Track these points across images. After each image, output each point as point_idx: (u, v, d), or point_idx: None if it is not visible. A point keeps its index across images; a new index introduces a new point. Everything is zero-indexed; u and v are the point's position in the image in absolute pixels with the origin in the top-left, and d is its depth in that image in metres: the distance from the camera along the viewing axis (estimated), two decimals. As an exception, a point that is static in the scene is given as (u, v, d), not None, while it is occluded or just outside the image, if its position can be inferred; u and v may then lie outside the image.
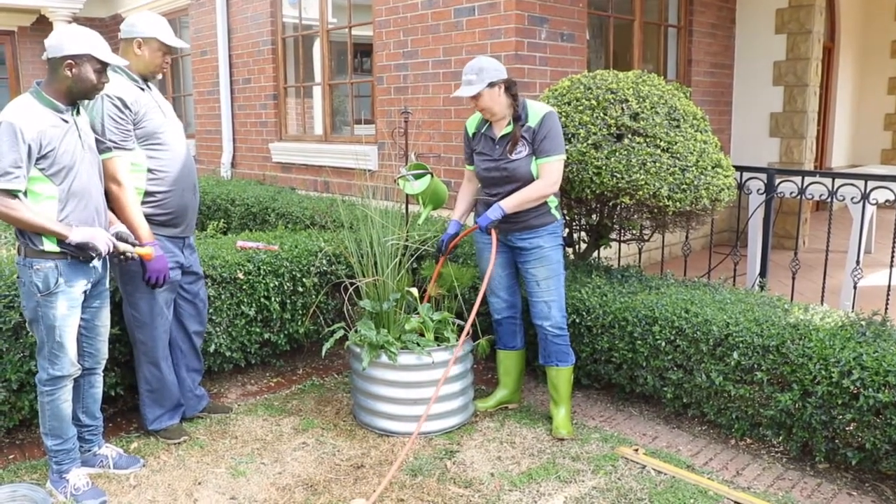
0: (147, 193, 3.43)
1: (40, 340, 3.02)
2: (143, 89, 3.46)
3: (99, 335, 3.25)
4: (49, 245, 2.92)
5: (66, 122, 2.97)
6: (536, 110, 3.62)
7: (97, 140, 3.28)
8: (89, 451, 3.37)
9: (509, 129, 3.63)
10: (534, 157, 3.58)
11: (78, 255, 2.96)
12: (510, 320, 3.96)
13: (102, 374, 3.37)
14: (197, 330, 3.81)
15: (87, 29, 3.00)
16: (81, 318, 3.14)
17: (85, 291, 3.08)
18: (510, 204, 3.56)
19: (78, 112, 3.06)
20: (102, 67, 2.99)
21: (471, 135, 3.82)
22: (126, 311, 3.56)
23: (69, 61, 2.91)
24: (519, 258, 3.77)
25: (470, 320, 3.52)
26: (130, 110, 3.33)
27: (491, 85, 3.53)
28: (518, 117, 3.61)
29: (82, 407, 3.31)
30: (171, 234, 3.53)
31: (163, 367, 3.62)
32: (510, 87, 3.60)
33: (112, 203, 3.31)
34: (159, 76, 3.55)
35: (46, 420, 3.09)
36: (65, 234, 2.89)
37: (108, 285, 3.26)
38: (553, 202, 3.71)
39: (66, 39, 2.92)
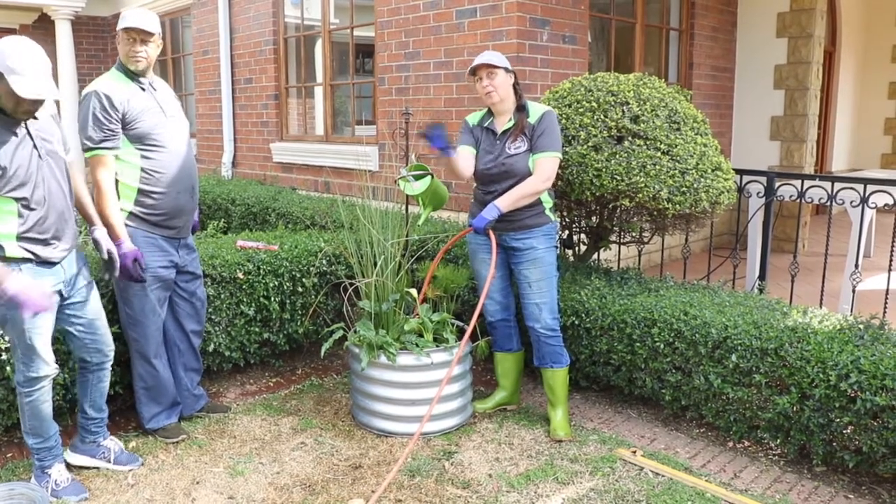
0: (140, 192, 3.42)
1: (12, 343, 2.98)
2: (143, 88, 3.45)
3: (98, 329, 3.22)
4: (10, 249, 2.86)
5: (17, 134, 2.84)
6: (537, 108, 3.68)
7: (79, 138, 3.26)
8: (94, 442, 3.38)
9: (511, 123, 3.65)
10: (530, 154, 3.60)
11: (40, 258, 2.92)
12: (504, 323, 3.96)
13: (110, 369, 3.35)
14: (194, 329, 3.81)
15: (26, 47, 2.75)
16: (76, 317, 3.13)
17: (59, 291, 3.03)
18: (506, 202, 3.56)
19: (33, 116, 2.93)
20: (19, 97, 2.71)
21: (472, 125, 3.84)
22: (120, 309, 3.57)
23: None
24: (512, 259, 3.77)
25: (472, 323, 3.53)
26: (118, 110, 3.30)
27: (506, 70, 3.63)
28: (522, 107, 3.66)
29: (89, 401, 3.32)
30: (164, 235, 3.53)
31: (156, 364, 3.62)
32: (517, 84, 3.70)
33: (93, 199, 3.31)
34: (137, 67, 3.39)
35: (26, 419, 3.08)
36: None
37: (89, 277, 3.21)
38: (548, 203, 3.72)
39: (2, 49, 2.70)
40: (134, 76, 3.43)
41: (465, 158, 3.73)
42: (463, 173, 3.73)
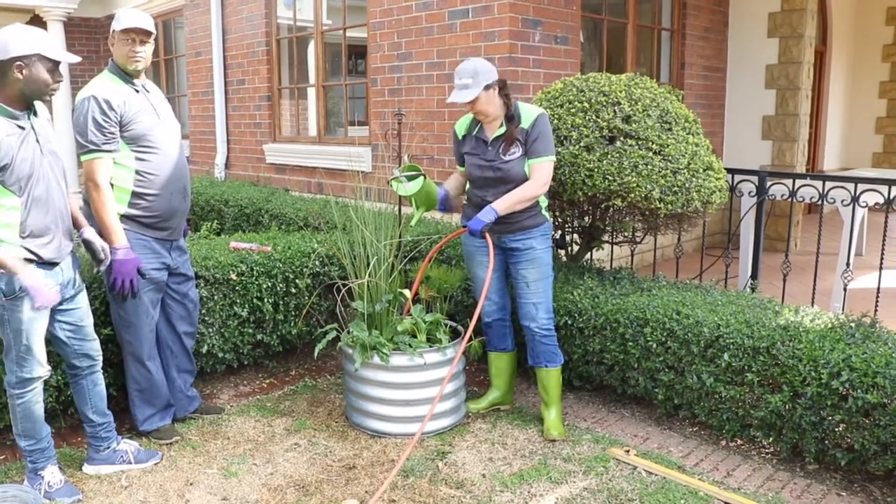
0: (134, 195, 3.42)
1: (7, 344, 2.97)
2: (137, 90, 3.45)
3: (87, 335, 3.23)
4: (13, 252, 2.85)
5: (23, 128, 2.87)
6: (529, 112, 3.63)
7: (78, 141, 3.27)
8: (108, 448, 3.38)
9: (502, 130, 3.63)
10: (526, 158, 3.60)
11: (42, 260, 2.92)
12: (500, 322, 3.97)
13: (101, 371, 3.35)
14: (187, 331, 3.80)
15: (33, 27, 2.89)
16: (66, 323, 3.13)
17: None
18: (503, 206, 3.56)
19: (35, 114, 2.97)
20: (54, 66, 2.87)
21: (460, 137, 3.82)
22: (113, 311, 3.56)
23: (18, 63, 2.80)
24: (510, 259, 3.78)
25: (472, 324, 3.53)
26: (116, 112, 3.31)
27: (486, 87, 3.53)
28: (511, 117, 3.61)
29: (91, 406, 3.31)
30: (157, 237, 3.53)
31: (150, 366, 3.62)
32: (503, 88, 3.62)
33: (90, 203, 3.32)
34: (136, 67, 3.40)
35: (18, 422, 3.07)
36: (15, 271, 2.80)
37: (79, 284, 3.21)
38: (543, 203, 3.73)
39: (12, 40, 2.80)
40: (128, 78, 3.43)
41: (457, 188, 3.92)
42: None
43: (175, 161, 3.55)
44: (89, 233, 3.23)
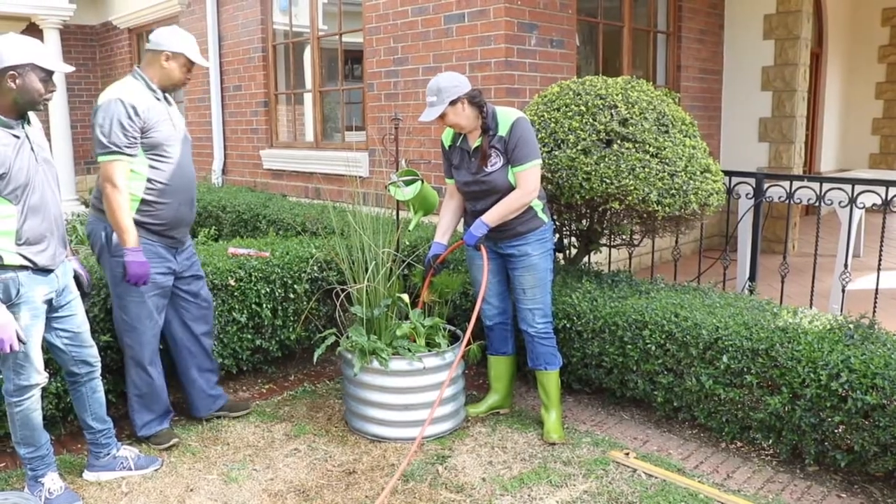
0: (143, 202, 3.45)
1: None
2: (159, 100, 3.52)
3: (84, 342, 3.23)
4: (8, 258, 2.86)
5: (18, 137, 2.88)
6: (505, 118, 3.57)
7: (98, 142, 3.32)
8: (108, 454, 3.38)
9: (480, 141, 3.62)
10: (509, 167, 3.58)
11: (37, 267, 2.93)
12: (502, 326, 3.97)
13: (100, 377, 3.35)
14: (204, 331, 3.82)
15: (27, 37, 2.90)
16: (63, 330, 3.13)
17: (50, 301, 3.03)
18: (491, 218, 3.56)
19: (29, 122, 2.98)
20: (48, 75, 2.90)
21: (447, 146, 3.83)
22: (115, 315, 3.57)
23: (11, 72, 2.81)
24: (508, 264, 3.78)
25: (469, 330, 3.53)
26: (140, 118, 3.37)
27: (452, 103, 3.50)
28: (486, 129, 3.59)
29: (90, 413, 3.32)
30: (164, 243, 3.56)
31: (151, 371, 3.62)
32: (473, 99, 3.55)
33: (104, 204, 3.34)
34: (180, 90, 3.59)
35: (17, 430, 3.07)
36: None
37: (74, 291, 3.21)
38: (538, 205, 3.70)
39: (5, 50, 2.81)
40: (154, 87, 3.52)
41: (448, 216, 3.91)
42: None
43: (186, 172, 3.60)
44: (76, 264, 3.27)
